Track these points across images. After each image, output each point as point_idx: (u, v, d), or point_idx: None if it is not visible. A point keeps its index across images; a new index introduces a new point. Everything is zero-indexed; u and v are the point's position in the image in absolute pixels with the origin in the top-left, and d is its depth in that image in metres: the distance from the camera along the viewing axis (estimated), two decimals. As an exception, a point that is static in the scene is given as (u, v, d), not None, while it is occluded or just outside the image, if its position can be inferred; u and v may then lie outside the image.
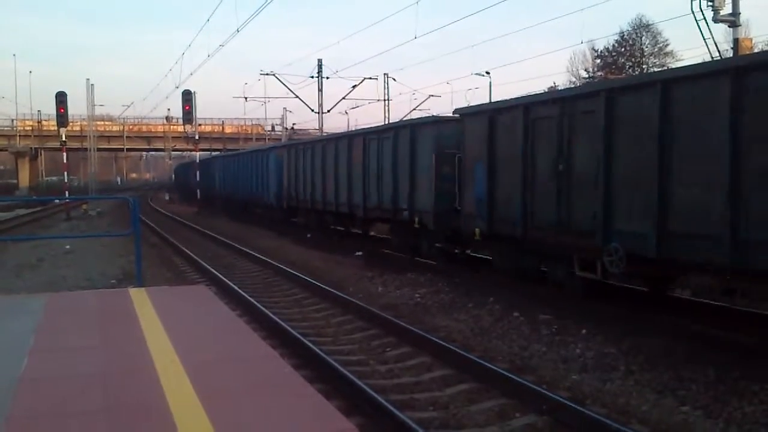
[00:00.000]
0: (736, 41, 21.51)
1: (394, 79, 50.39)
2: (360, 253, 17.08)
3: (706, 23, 20.74)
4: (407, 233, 15.51)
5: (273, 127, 61.47)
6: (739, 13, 21.24)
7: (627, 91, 9.03)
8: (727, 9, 21.03)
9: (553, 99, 10.67)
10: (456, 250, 14.41)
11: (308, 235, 21.85)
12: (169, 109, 74.33)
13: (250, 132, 74.90)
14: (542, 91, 11.74)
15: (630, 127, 8.82)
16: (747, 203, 7.29)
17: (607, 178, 9.12)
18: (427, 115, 22.76)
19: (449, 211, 13.21)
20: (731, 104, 7.39)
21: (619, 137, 8.98)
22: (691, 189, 7.94)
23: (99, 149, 58.83)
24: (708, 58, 19.74)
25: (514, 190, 11.04)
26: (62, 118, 32.61)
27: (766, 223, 7.10)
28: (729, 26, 22.09)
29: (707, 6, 20.70)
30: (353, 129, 32.51)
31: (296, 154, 23.95)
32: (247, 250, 18.21)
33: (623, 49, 59.23)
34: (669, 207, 8.20)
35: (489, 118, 11.80)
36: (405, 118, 36.02)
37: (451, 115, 14.15)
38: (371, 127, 21.81)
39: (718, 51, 21.46)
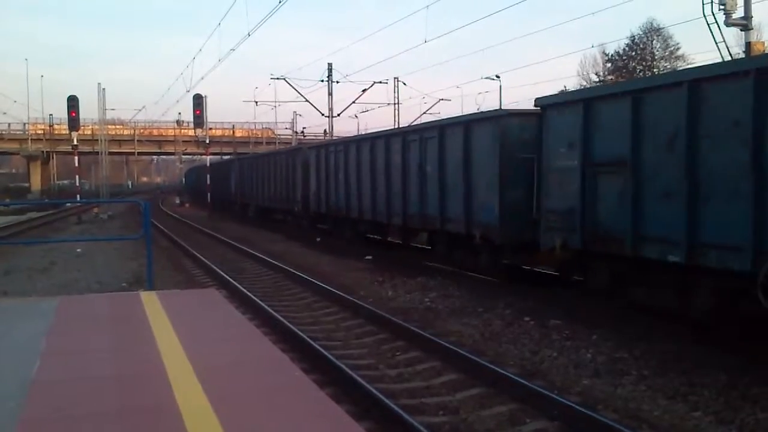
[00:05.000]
0: (748, 45, 21.42)
1: (404, 83, 50.28)
2: (370, 257, 17.08)
3: (718, 27, 20.68)
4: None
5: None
6: (751, 17, 21.15)
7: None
8: (738, 12, 20.96)
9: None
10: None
11: (318, 239, 21.86)
12: (180, 113, 74.76)
13: (260, 136, 75.10)
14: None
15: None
16: None
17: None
18: (438, 117, 21.44)
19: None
20: None
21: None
22: None
23: (110, 153, 59.04)
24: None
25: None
26: (74, 121, 32.84)
27: None
28: (741, 29, 22.01)
29: (719, 9, 20.64)
30: (364, 133, 32.17)
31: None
32: (257, 254, 18.24)
33: (634, 53, 58.96)
34: None
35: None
36: (414, 122, 35.92)
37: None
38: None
39: (730, 54, 21.36)
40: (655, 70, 54.54)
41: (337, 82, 42.86)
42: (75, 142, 34.61)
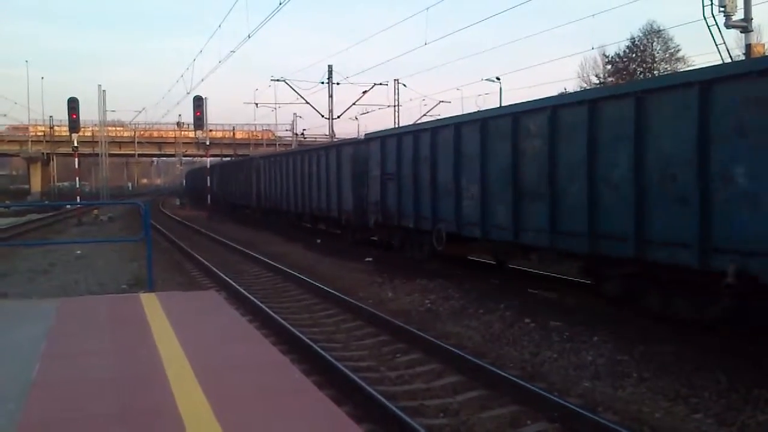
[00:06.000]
0: (748, 47, 21.43)
1: (404, 85, 50.41)
2: (370, 259, 17.08)
3: (718, 29, 20.72)
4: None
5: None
6: (751, 19, 21.17)
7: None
8: (738, 14, 20.97)
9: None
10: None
11: (318, 241, 21.89)
12: (180, 115, 74.81)
13: (260, 138, 75.08)
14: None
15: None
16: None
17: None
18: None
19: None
20: None
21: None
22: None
23: (110, 155, 59.10)
24: (720, 64, 19.65)
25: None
26: (74, 123, 32.88)
27: None
28: (741, 32, 22.02)
29: (719, 11, 20.66)
30: (361, 135, 33.23)
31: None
32: (257, 256, 18.23)
33: (634, 55, 58.94)
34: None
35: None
36: (417, 122, 36.21)
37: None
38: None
39: (730, 56, 21.37)
40: (655, 72, 54.56)
41: (338, 83, 42.96)
42: (75, 144, 34.62)
